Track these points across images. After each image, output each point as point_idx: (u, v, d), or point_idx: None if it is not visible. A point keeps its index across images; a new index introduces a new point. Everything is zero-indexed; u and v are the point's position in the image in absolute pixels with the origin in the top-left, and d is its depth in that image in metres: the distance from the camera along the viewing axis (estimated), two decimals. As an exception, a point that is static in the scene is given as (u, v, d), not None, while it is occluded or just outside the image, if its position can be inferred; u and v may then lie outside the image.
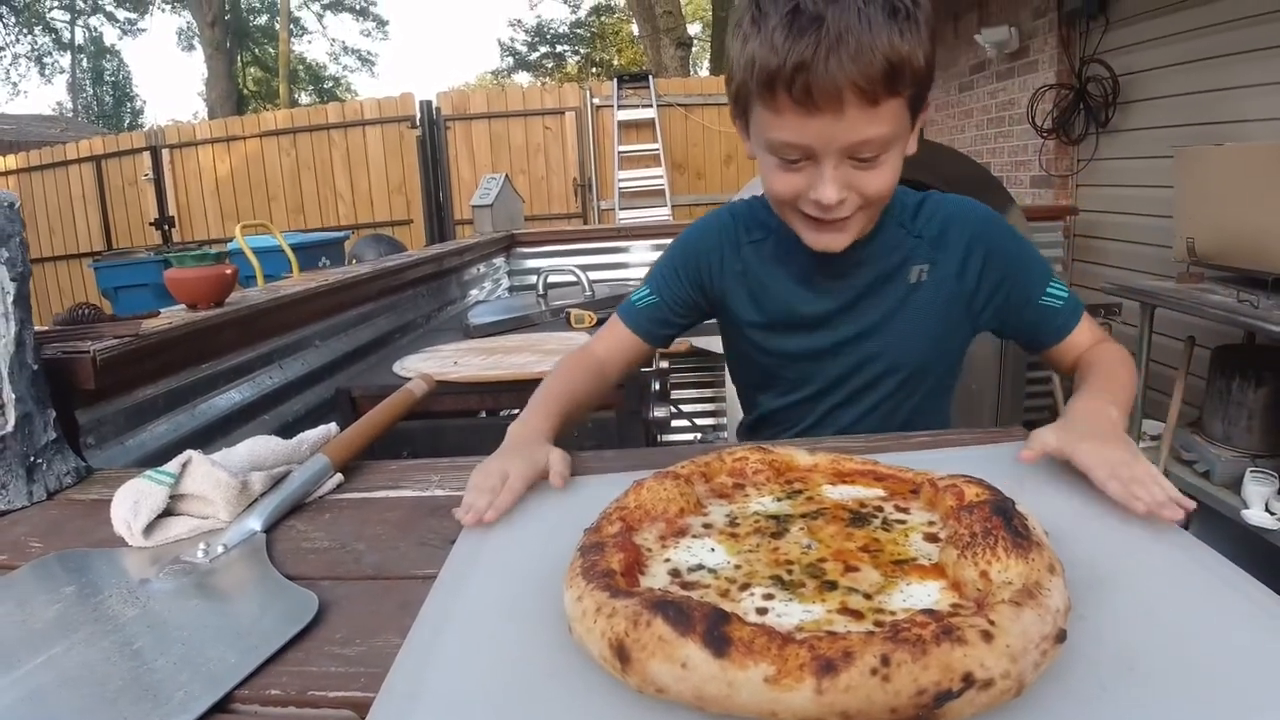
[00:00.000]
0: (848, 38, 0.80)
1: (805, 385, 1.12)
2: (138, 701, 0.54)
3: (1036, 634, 0.47)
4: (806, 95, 0.82)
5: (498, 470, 0.81)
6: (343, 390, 1.90)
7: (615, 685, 0.49)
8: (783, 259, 1.08)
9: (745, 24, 0.87)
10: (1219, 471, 2.46)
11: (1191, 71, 3.19)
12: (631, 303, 1.16)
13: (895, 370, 1.08)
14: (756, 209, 1.12)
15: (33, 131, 12.51)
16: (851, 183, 0.90)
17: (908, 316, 1.05)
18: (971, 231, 1.04)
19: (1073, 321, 1.03)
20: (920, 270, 1.04)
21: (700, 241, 1.13)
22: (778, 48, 0.82)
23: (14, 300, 0.98)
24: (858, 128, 0.85)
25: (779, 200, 0.97)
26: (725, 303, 1.13)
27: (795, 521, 0.66)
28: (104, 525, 0.83)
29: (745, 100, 0.91)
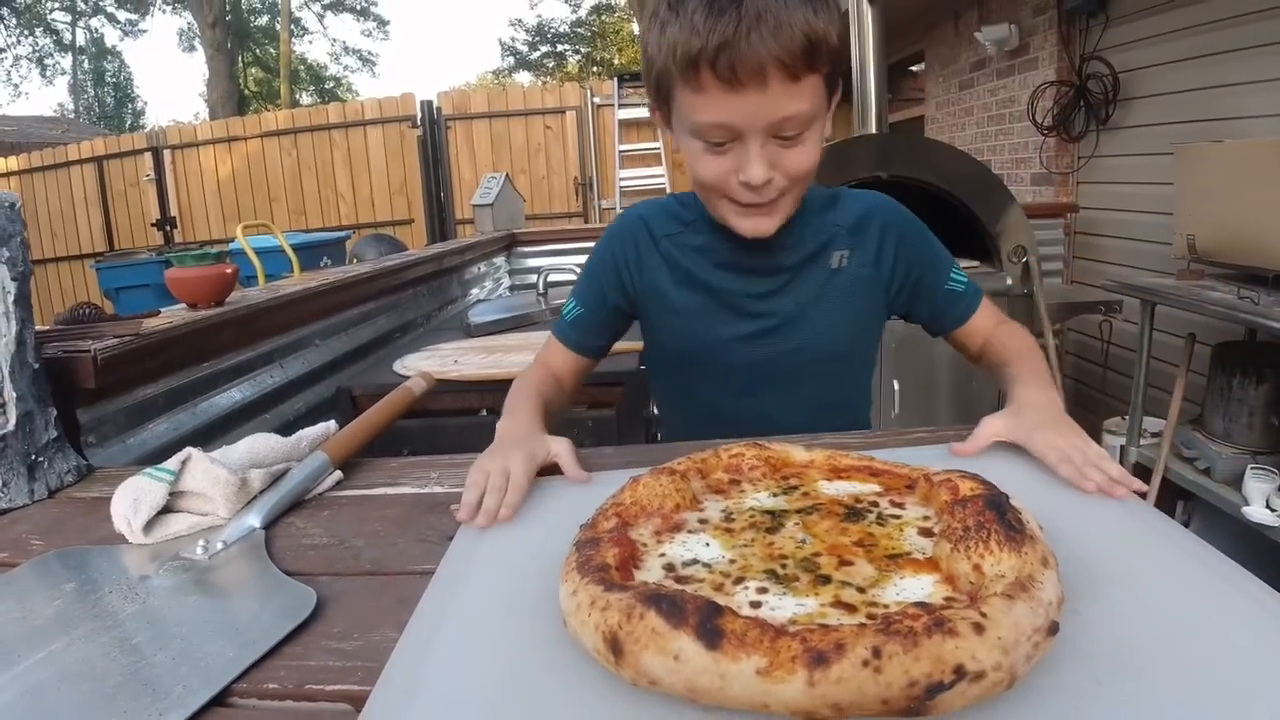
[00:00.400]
0: (767, 15, 0.83)
1: (734, 373, 1.11)
2: (137, 696, 0.54)
3: (1029, 626, 0.47)
4: (731, 73, 0.84)
5: (499, 467, 0.81)
6: (343, 389, 1.91)
7: (609, 678, 0.50)
8: (703, 249, 1.09)
9: (662, 11, 0.89)
10: (1220, 468, 2.46)
11: (1192, 68, 3.18)
12: (563, 319, 1.16)
13: (822, 353, 1.10)
14: (668, 205, 1.14)
15: (34, 133, 12.53)
16: (777, 161, 0.91)
17: (831, 300, 1.08)
18: (884, 220, 1.10)
19: (974, 305, 1.10)
20: (841, 256, 1.08)
21: (616, 244, 1.13)
22: (699, 29, 0.84)
23: (15, 299, 0.98)
24: (781, 103, 0.86)
25: (707, 186, 0.97)
26: (649, 299, 1.12)
27: (790, 516, 0.67)
28: (104, 523, 0.84)
29: (667, 87, 0.92)
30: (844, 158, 2.97)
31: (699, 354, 1.11)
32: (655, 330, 1.15)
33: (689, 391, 1.16)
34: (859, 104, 3.51)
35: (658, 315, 1.13)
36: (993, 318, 1.11)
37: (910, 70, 6.94)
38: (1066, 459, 0.75)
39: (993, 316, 1.11)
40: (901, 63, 6.66)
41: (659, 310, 1.12)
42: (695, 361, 1.12)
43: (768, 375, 1.10)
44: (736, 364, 1.10)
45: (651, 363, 1.22)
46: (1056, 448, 0.77)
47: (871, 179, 2.94)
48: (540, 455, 0.85)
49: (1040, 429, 0.80)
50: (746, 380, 1.11)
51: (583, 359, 1.16)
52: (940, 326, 1.13)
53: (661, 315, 1.12)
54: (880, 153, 2.97)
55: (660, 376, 1.22)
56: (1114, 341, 3.69)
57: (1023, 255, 2.97)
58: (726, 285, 1.08)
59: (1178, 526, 0.68)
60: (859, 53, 3.47)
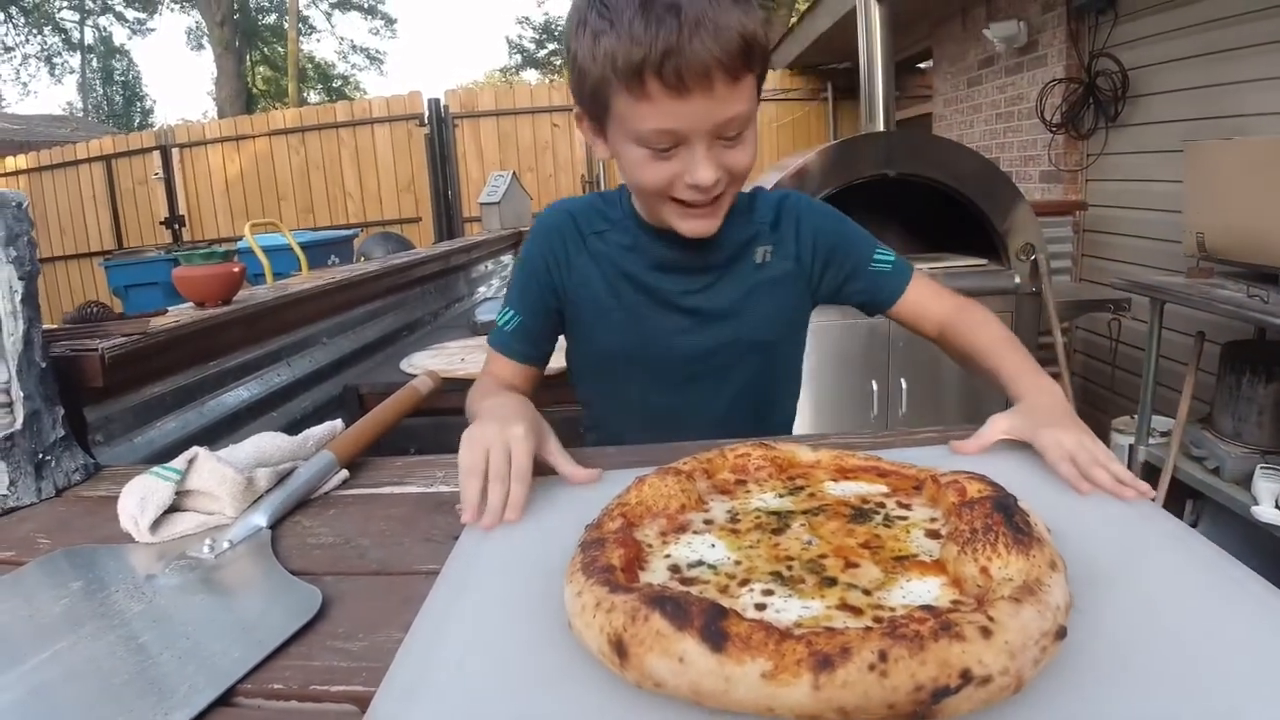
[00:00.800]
0: (705, 20, 0.83)
1: (666, 368, 1.11)
2: (143, 695, 0.54)
3: (1036, 630, 0.47)
4: (678, 79, 0.84)
5: (499, 441, 0.77)
6: (350, 387, 1.91)
7: (614, 680, 0.49)
8: (631, 247, 1.09)
9: (592, 21, 0.88)
10: (1229, 467, 2.45)
11: (1201, 65, 3.16)
12: (499, 329, 1.13)
13: (752, 345, 1.11)
14: (596, 202, 1.14)
15: (43, 131, 12.58)
16: (722, 161, 0.92)
17: (758, 294, 1.10)
18: (797, 212, 1.13)
19: (904, 281, 1.12)
20: (764, 251, 1.10)
21: (543, 244, 1.12)
22: (639, 38, 0.84)
23: (22, 298, 0.98)
24: (726, 105, 0.88)
25: (651, 191, 0.97)
26: (579, 296, 1.11)
27: (796, 518, 0.66)
28: (111, 522, 0.84)
29: (604, 97, 0.91)
30: (851, 156, 2.96)
31: (631, 351, 1.11)
32: (585, 328, 1.13)
33: (619, 389, 1.16)
34: (866, 102, 3.50)
35: (588, 313, 1.11)
36: (945, 297, 1.12)
37: (918, 67, 6.92)
38: (1068, 458, 0.75)
39: (944, 296, 1.12)
40: (909, 60, 6.64)
41: (590, 308, 1.11)
42: (627, 358, 1.12)
43: (699, 369, 1.11)
44: (669, 359, 1.11)
45: (578, 362, 1.20)
46: (1060, 445, 0.76)
47: (878, 177, 2.93)
48: (540, 430, 0.84)
49: (1047, 427, 0.80)
50: (677, 375, 1.11)
51: (529, 369, 1.13)
52: (875, 305, 1.14)
53: (592, 313, 1.11)
54: (887, 151, 2.95)
55: (588, 376, 1.20)
56: (1123, 340, 3.67)
57: (1031, 253, 2.95)
58: (657, 283, 1.09)
59: (1185, 528, 0.68)
60: (866, 51, 3.45)
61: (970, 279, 3.00)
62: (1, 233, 0.96)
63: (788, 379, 1.21)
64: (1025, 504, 0.62)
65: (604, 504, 0.69)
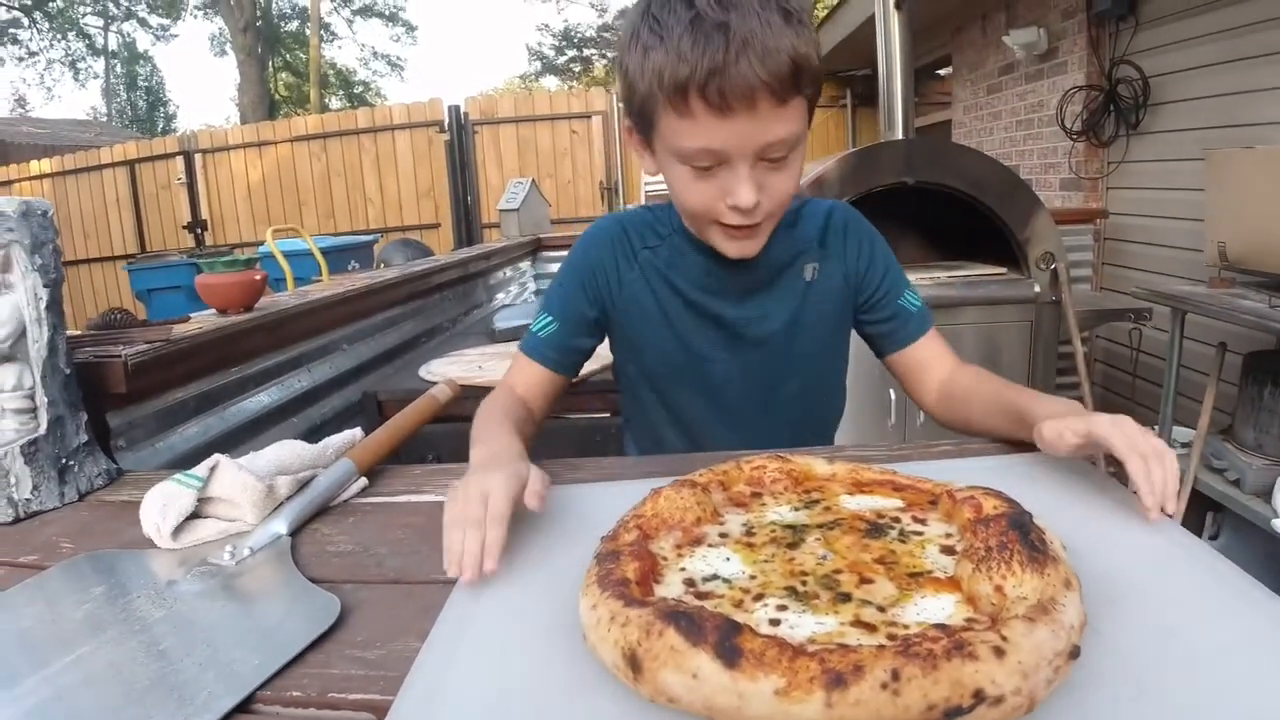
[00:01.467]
0: (754, 41, 0.82)
1: (713, 385, 1.11)
2: (163, 701, 0.55)
3: (1050, 650, 0.47)
4: (721, 99, 0.83)
5: (477, 494, 0.71)
6: (369, 394, 1.93)
7: (628, 694, 0.50)
8: (679, 264, 1.09)
9: (644, 35, 0.88)
10: (1250, 480, 2.42)
11: (1223, 73, 3.14)
12: (533, 334, 1.11)
13: (800, 361, 1.11)
14: (647, 217, 1.13)
15: (67, 136, 12.74)
16: (764, 184, 0.91)
17: (806, 311, 1.09)
18: (846, 228, 1.11)
19: (924, 328, 1.10)
20: (813, 268, 1.09)
21: (594, 254, 1.11)
22: (686, 55, 0.83)
23: (47, 305, 1.00)
24: (770, 127, 0.86)
25: (694, 212, 0.96)
26: (629, 311, 1.11)
27: (811, 532, 0.66)
28: (133, 526, 0.85)
29: (650, 113, 0.91)
30: (870, 163, 2.96)
31: (677, 366, 1.11)
32: (631, 342, 1.13)
33: (663, 402, 1.15)
34: (885, 109, 3.49)
35: (635, 326, 1.11)
36: (948, 356, 1.10)
37: (938, 74, 6.90)
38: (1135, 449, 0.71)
39: (948, 354, 1.10)
40: (929, 66, 6.63)
41: (637, 321, 1.11)
42: (672, 373, 1.12)
43: (744, 385, 1.11)
44: (714, 375, 1.10)
45: (623, 374, 1.19)
46: (1123, 433, 0.72)
47: (897, 184, 2.92)
48: (522, 476, 0.76)
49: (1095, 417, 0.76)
50: (723, 390, 1.11)
51: (558, 378, 1.11)
52: (890, 342, 1.11)
53: (639, 326, 1.11)
54: (906, 158, 2.95)
55: (633, 388, 1.19)
56: (1144, 349, 3.64)
57: (1051, 261, 2.94)
58: (704, 300, 1.08)
59: (1204, 546, 0.67)
60: (885, 58, 3.45)
61: (989, 287, 2.98)
62: (27, 241, 0.98)
63: (833, 394, 1.20)
64: (1041, 521, 0.62)
65: (620, 514, 0.69)
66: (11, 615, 0.70)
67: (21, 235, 0.97)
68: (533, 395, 1.09)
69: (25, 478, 0.97)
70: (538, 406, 1.09)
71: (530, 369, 1.10)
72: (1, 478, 0.96)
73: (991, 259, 3.14)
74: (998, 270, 3.07)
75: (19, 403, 0.99)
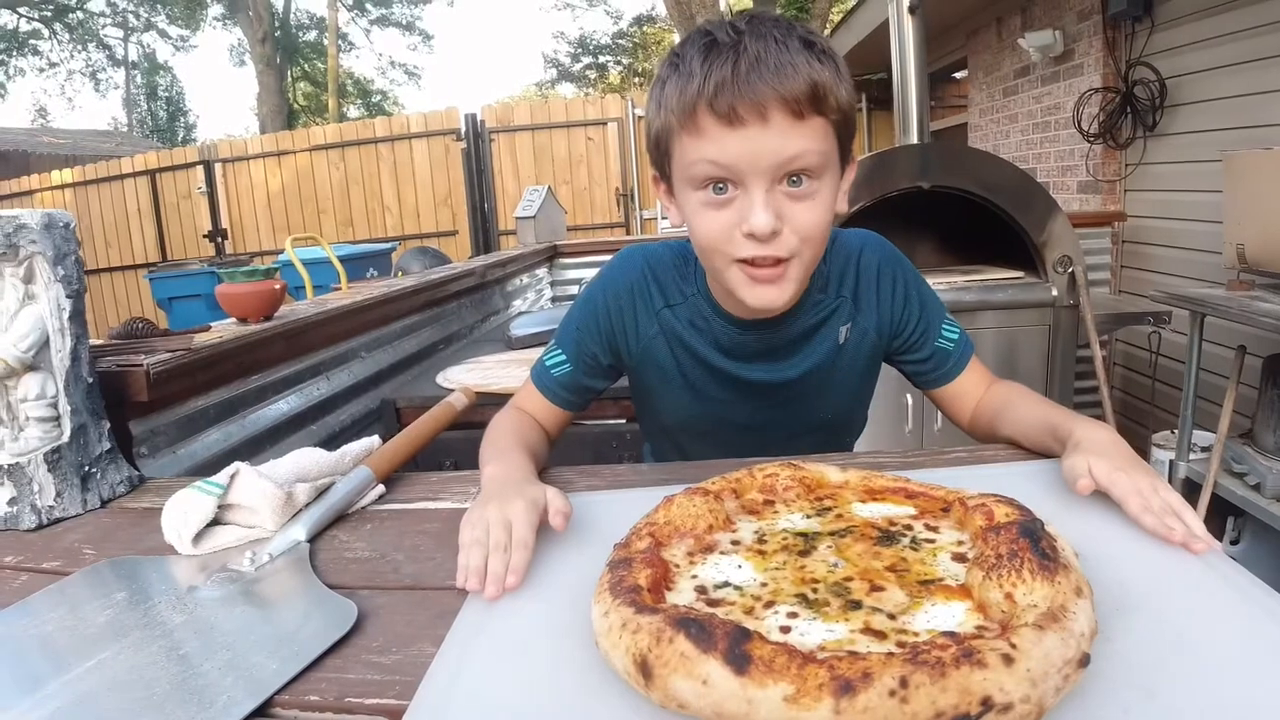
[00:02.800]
0: (766, 58, 0.80)
1: (731, 438, 1.09)
2: (183, 704, 0.56)
3: (1059, 658, 0.47)
4: (730, 109, 0.80)
5: (499, 520, 0.73)
6: (388, 401, 1.94)
7: (639, 700, 0.50)
8: (701, 328, 1.04)
9: (662, 71, 0.87)
10: (1270, 483, 2.40)
11: (1240, 74, 3.11)
12: (546, 368, 1.09)
13: (825, 422, 1.10)
14: (673, 268, 1.06)
15: (89, 146, 12.90)
16: (784, 214, 0.84)
17: (838, 370, 1.06)
18: (879, 275, 1.05)
19: (964, 362, 1.06)
20: (846, 329, 1.05)
21: (614, 303, 1.06)
22: (695, 73, 0.81)
23: (70, 315, 1.02)
24: (785, 141, 0.81)
25: (710, 245, 0.89)
26: (642, 367, 1.08)
27: (823, 539, 0.67)
28: (155, 533, 0.87)
29: (666, 144, 0.89)
30: (885, 168, 2.95)
31: (694, 422, 1.10)
32: (647, 393, 1.12)
33: (680, 448, 1.15)
34: (900, 113, 3.49)
35: (651, 380, 1.09)
36: (985, 379, 1.07)
37: (954, 77, 6.88)
38: (1148, 509, 0.70)
39: (985, 378, 1.07)
40: (945, 70, 6.61)
41: (655, 380, 1.09)
42: (689, 427, 1.11)
43: (768, 436, 1.09)
44: (733, 431, 1.09)
45: (641, 415, 1.19)
46: (1139, 493, 0.71)
47: (913, 189, 2.92)
48: (540, 501, 0.77)
49: (1120, 471, 0.74)
50: (745, 440, 1.09)
51: (564, 413, 1.10)
52: (927, 381, 1.09)
53: (656, 380, 1.09)
54: (921, 163, 2.94)
55: (649, 426, 1.19)
56: (1163, 352, 3.61)
57: (1068, 265, 2.92)
58: (728, 365, 1.04)
59: (1220, 554, 0.67)
60: (899, 62, 3.44)
61: (1007, 292, 2.97)
62: (50, 252, 1.00)
63: (856, 424, 1.19)
64: (1052, 528, 0.62)
65: (632, 521, 0.70)
66: (35, 620, 0.71)
67: (44, 247, 0.99)
68: (544, 422, 1.08)
69: (49, 485, 0.99)
70: (550, 430, 1.09)
71: (541, 402, 1.09)
72: (25, 485, 0.98)
73: (1009, 263, 3.13)
74: (1015, 274, 3.06)
75: (43, 411, 1.01)
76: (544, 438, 1.05)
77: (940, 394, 1.09)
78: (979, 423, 1.04)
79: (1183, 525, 0.68)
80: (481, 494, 0.82)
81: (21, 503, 0.98)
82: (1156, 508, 0.70)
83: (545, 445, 1.04)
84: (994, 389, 1.05)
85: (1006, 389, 1.03)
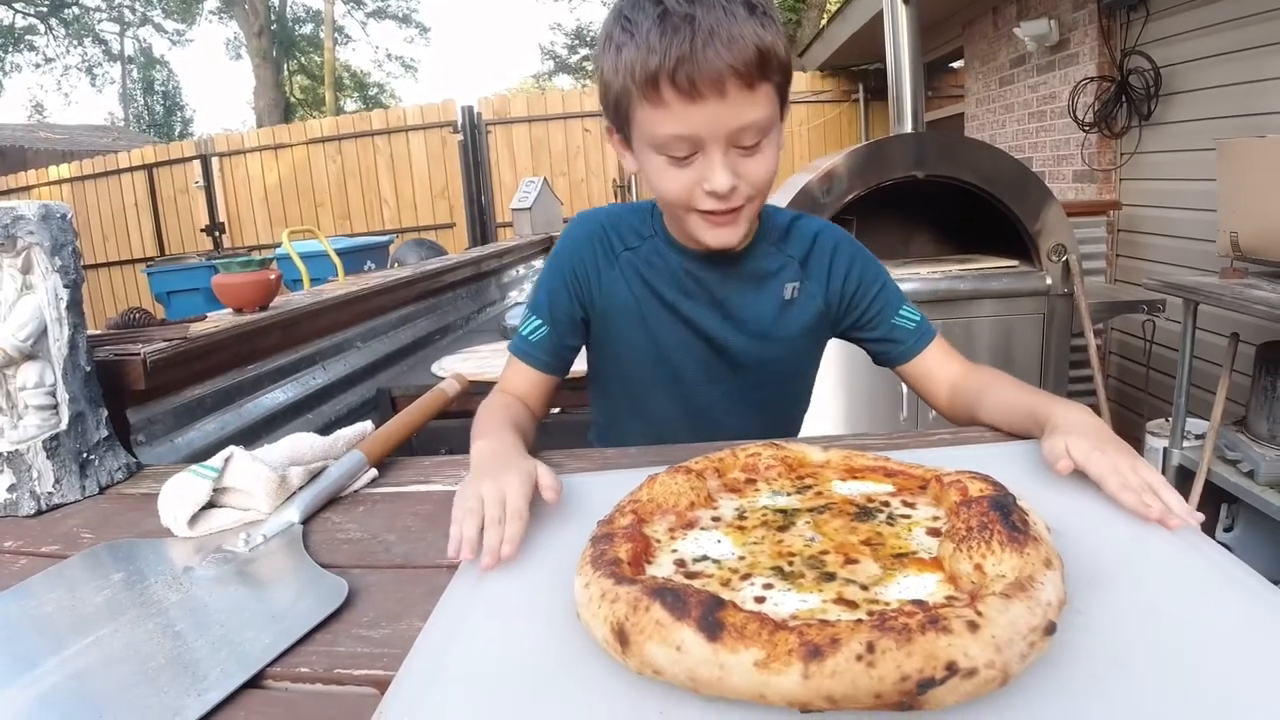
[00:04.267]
0: (719, 30, 0.86)
1: (684, 388, 1.13)
2: (177, 677, 0.58)
3: (1025, 626, 0.49)
4: (690, 85, 0.87)
5: (493, 494, 0.75)
6: (383, 390, 1.96)
7: (617, 667, 0.52)
8: (658, 265, 1.10)
9: (616, 35, 0.92)
10: (1264, 470, 2.41)
11: (1234, 62, 3.12)
12: (523, 337, 1.13)
13: (771, 373, 1.13)
14: (630, 218, 1.14)
15: (86, 141, 12.89)
16: (739, 170, 0.93)
17: (782, 327, 1.11)
18: (833, 252, 1.12)
19: (923, 343, 1.11)
20: (793, 288, 1.11)
21: (576, 253, 1.12)
22: (655, 47, 0.87)
23: (67, 305, 1.03)
24: (740, 111, 0.89)
25: (672, 201, 0.98)
26: (605, 311, 1.12)
27: (802, 515, 0.68)
28: (152, 517, 0.88)
29: (626, 108, 0.94)
30: (879, 158, 2.96)
31: (650, 366, 1.13)
32: (607, 340, 1.15)
33: (634, 402, 1.17)
34: (895, 103, 3.49)
35: (612, 325, 1.13)
36: (956, 361, 1.11)
37: (950, 67, 6.87)
38: (1126, 486, 0.72)
39: (955, 360, 1.11)
40: (941, 59, 6.60)
41: (614, 320, 1.12)
42: (646, 373, 1.14)
43: (715, 389, 1.13)
44: (687, 378, 1.12)
45: (597, 371, 1.21)
46: (1118, 472, 0.73)
47: (908, 179, 2.92)
48: (533, 474, 0.80)
49: (1095, 451, 0.76)
50: (694, 393, 1.13)
51: (549, 378, 1.14)
52: (889, 358, 1.14)
53: (616, 325, 1.12)
54: (916, 152, 2.95)
55: (605, 385, 1.21)
56: (1157, 341, 3.63)
57: (1062, 254, 2.93)
58: (682, 304, 1.10)
59: (1195, 530, 0.68)
60: (894, 52, 3.45)
61: (1002, 280, 2.98)
62: (47, 243, 1.01)
63: (800, 400, 1.23)
64: (1026, 503, 0.63)
65: (617, 500, 0.71)
66: (34, 602, 0.73)
67: (42, 238, 1.00)
68: (530, 397, 1.11)
69: (47, 471, 1.01)
70: (536, 407, 1.12)
71: (524, 372, 1.12)
72: (24, 471, 0.99)
73: (1003, 252, 3.14)
74: (1010, 263, 3.06)
75: (41, 399, 1.02)
76: (530, 417, 1.08)
77: (907, 372, 1.13)
78: (957, 406, 1.07)
79: (1160, 502, 0.70)
80: (473, 470, 0.84)
81: (21, 489, 0.99)
82: (1135, 485, 0.71)
83: (531, 424, 1.07)
84: (973, 374, 1.07)
85: (985, 374, 1.06)
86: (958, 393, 1.07)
